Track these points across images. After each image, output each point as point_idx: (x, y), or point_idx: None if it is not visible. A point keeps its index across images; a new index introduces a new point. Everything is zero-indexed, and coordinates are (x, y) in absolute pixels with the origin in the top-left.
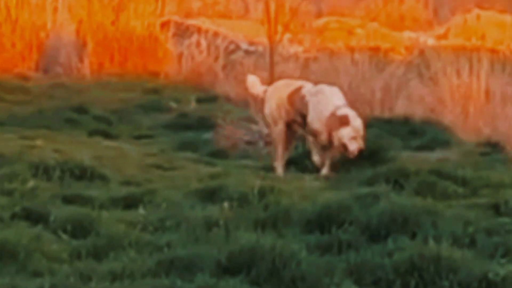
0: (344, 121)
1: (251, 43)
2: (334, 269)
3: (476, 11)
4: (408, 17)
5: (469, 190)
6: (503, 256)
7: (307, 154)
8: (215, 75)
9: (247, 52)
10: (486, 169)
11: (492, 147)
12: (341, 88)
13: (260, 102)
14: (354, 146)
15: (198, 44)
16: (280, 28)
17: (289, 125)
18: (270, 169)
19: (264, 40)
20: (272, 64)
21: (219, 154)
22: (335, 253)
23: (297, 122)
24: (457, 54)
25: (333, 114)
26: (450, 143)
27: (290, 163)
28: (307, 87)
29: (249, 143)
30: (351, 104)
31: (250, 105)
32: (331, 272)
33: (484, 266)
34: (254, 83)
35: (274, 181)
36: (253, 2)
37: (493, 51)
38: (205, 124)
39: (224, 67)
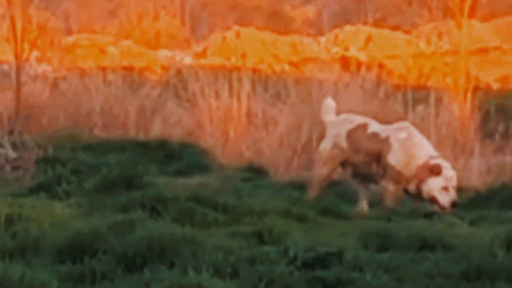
0: (435, 170)
1: None
2: None
3: (236, 28)
4: (164, 34)
5: (230, 218)
6: (267, 286)
7: (58, 180)
8: None
9: None
10: (248, 196)
11: (255, 171)
12: (92, 111)
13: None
14: (445, 199)
15: None
16: (27, 46)
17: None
18: (19, 195)
19: (10, 58)
20: (18, 84)
21: None
22: (88, 284)
23: (354, 163)
24: (216, 74)
25: (425, 164)
26: (210, 168)
27: (39, 189)
28: (377, 126)
29: None
30: (104, 126)
31: None
32: None
33: None
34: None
35: (22, 208)
36: None
37: (254, 70)
38: None
39: None
